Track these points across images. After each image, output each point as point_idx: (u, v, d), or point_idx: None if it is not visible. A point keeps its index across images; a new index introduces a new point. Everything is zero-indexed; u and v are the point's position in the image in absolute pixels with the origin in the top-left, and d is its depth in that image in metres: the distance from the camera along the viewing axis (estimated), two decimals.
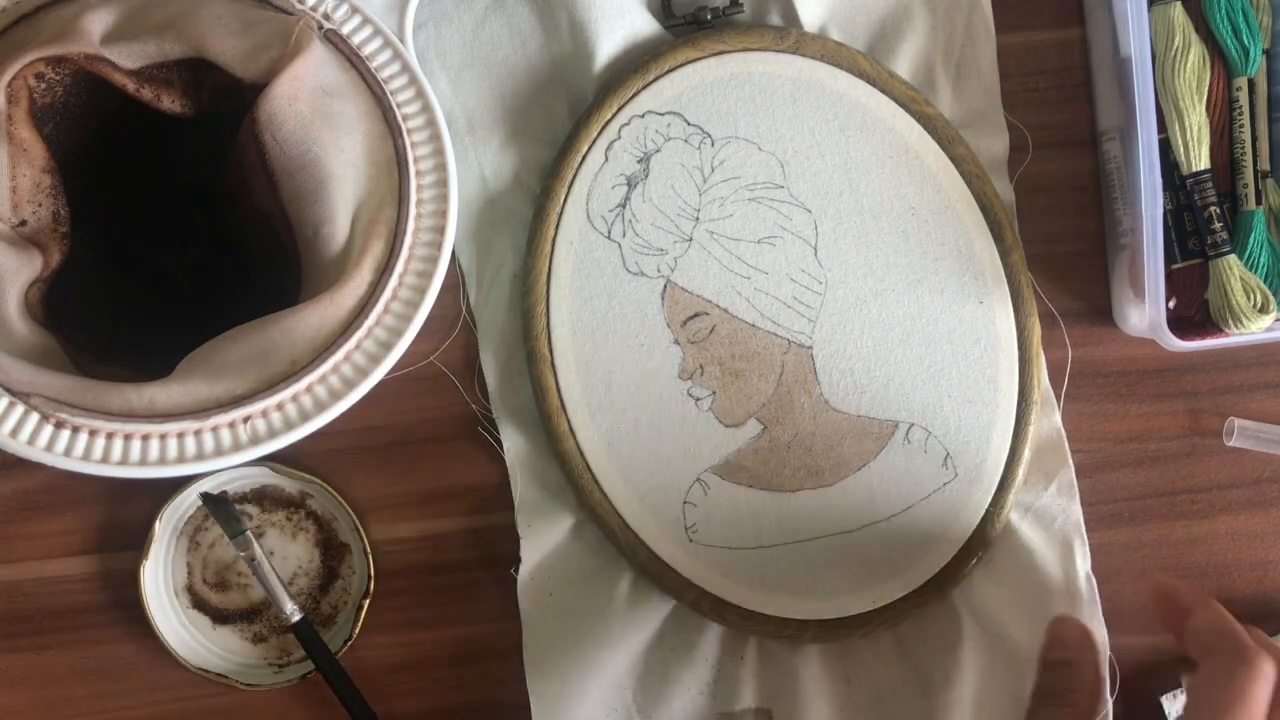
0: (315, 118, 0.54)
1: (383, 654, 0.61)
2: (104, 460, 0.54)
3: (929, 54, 0.63)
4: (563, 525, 0.61)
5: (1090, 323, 0.64)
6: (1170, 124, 0.59)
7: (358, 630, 0.60)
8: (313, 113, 0.54)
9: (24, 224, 0.54)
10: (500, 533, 0.61)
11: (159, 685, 0.61)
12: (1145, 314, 0.58)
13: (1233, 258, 0.59)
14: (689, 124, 0.61)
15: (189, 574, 0.61)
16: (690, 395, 0.61)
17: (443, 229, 0.57)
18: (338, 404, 0.55)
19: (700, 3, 0.62)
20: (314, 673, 0.60)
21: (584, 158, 0.61)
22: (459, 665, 0.61)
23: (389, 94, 0.57)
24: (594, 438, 0.60)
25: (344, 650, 0.60)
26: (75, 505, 0.61)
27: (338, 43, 0.57)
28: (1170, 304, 0.60)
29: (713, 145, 0.61)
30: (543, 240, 0.61)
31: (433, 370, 0.61)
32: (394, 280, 0.55)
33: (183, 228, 0.62)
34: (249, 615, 0.61)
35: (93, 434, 0.54)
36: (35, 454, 0.53)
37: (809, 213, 0.61)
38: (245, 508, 0.61)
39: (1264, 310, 0.58)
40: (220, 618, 0.61)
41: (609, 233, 0.61)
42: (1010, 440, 0.61)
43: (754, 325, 0.61)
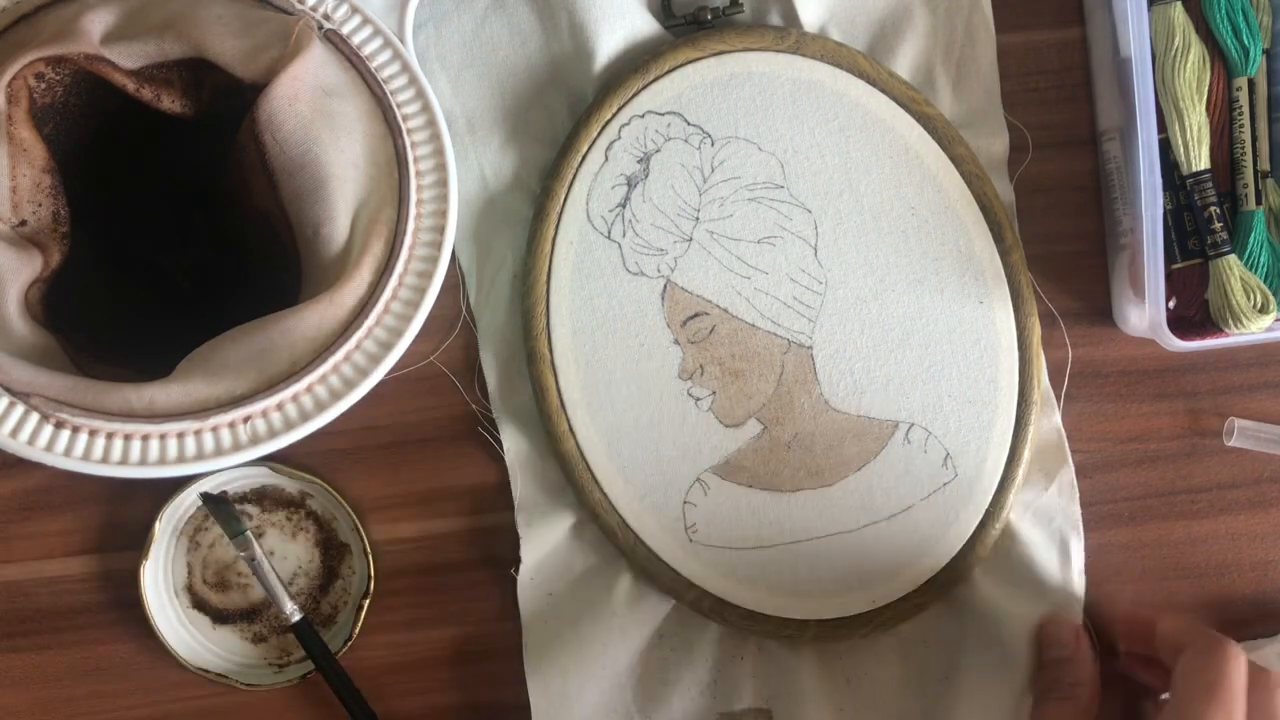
0: (315, 118, 0.54)
1: (383, 654, 0.61)
2: (104, 460, 0.54)
3: (929, 54, 0.63)
4: (563, 525, 0.61)
5: (1090, 323, 0.64)
6: (1170, 124, 0.59)
7: (358, 630, 0.60)
8: (313, 113, 0.54)
9: (24, 224, 0.54)
10: (500, 533, 0.61)
11: (159, 685, 0.61)
12: (1145, 314, 0.58)
13: (1233, 258, 0.59)
14: (689, 124, 0.61)
15: (189, 574, 0.61)
16: (690, 395, 0.61)
17: (443, 229, 0.57)
18: (338, 404, 0.55)
19: (700, 3, 0.62)
20: (314, 673, 0.60)
21: (584, 158, 0.61)
22: (459, 665, 0.61)
23: (389, 94, 0.57)
24: (594, 437, 0.60)
25: (344, 650, 0.60)
26: (75, 505, 0.61)
27: (338, 43, 0.57)
28: (1170, 304, 0.60)
29: (713, 145, 0.61)
30: (543, 240, 0.61)
31: (433, 370, 0.61)
32: (394, 280, 0.55)
33: (183, 228, 0.62)
34: (249, 615, 0.61)
35: (93, 434, 0.54)
36: (35, 454, 0.53)
37: (809, 213, 0.61)
38: (245, 508, 0.61)
39: (1264, 310, 0.58)
40: (220, 618, 0.61)
41: (609, 233, 0.61)
42: (1010, 440, 0.61)
43: (754, 325, 0.61)
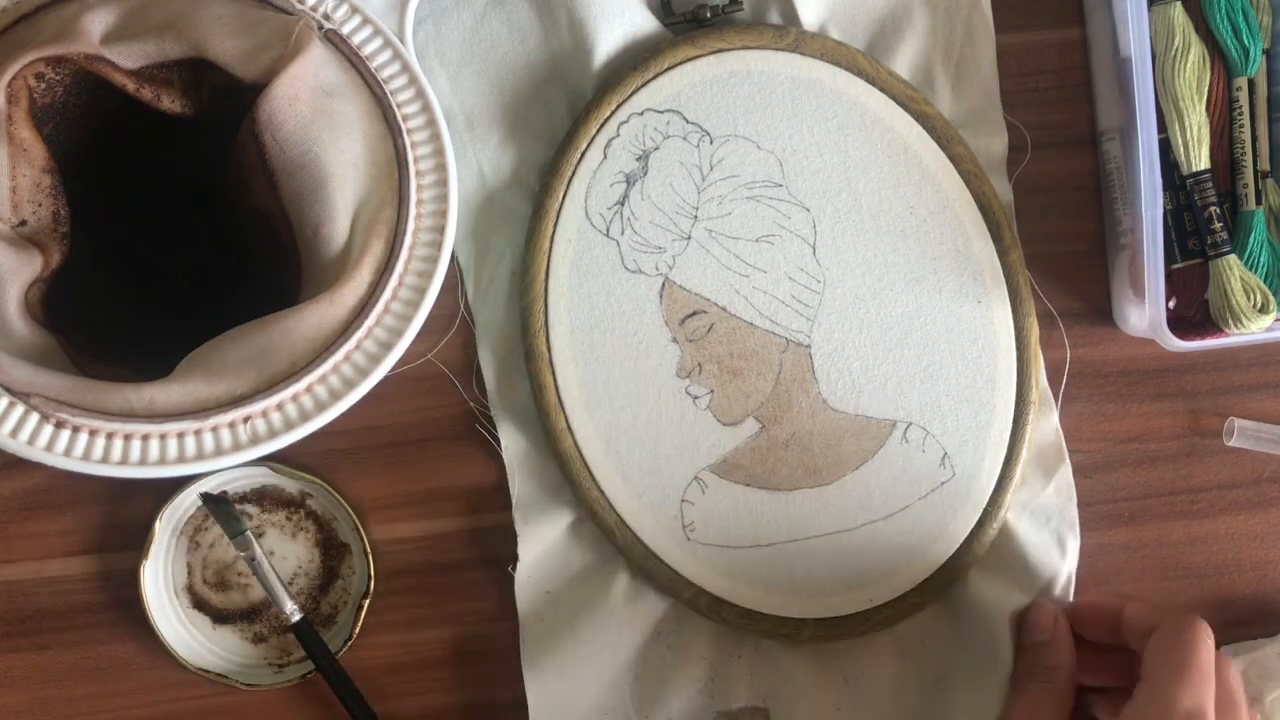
0: (315, 118, 0.54)
1: (383, 654, 0.61)
2: (104, 460, 0.54)
3: (928, 53, 0.63)
4: (560, 523, 0.61)
5: (1090, 323, 0.64)
6: (1170, 124, 0.59)
7: (358, 630, 0.60)
8: (313, 113, 0.54)
9: (24, 224, 0.54)
10: (500, 532, 0.61)
11: (159, 685, 0.61)
12: (1145, 314, 0.58)
13: (1233, 258, 0.59)
14: (688, 122, 0.61)
15: (189, 574, 0.61)
16: (688, 393, 0.61)
17: (443, 229, 0.57)
18: (338, 404, 0.55)
19: (700, 0, 0.62)
20: (314, 673, 0.60)
21: (583, 155, 0.61)
22: (459, 665, 0.61)
23: (389, 94, 0.57)
24: (592, 435, 0.60)
25: (344, 650, 0.60)
26: (75, 505, 0.61)
27: (338, 43, 0.57)
28: (1170, 304, 0.60)
29: (711, 143, 0.61)
30: (541, 238, 0.61)
31: (433, 370, 0.61)
32: (394, 280, 0.55)
33: (183, 228, 0.62)
34: (249, 615, 0.61)
35: (93, 434, 0.54)
36: (35, 454, 0.53)
37: (807, 211, 0.61)
38: (245, 508, 0.61)
39: (1264, 310, 0.58)
40: (220, 618, 0.61)
41: (607, 230, 0.61)
42: (1008, 440, 0.61)
43: (752, 324, 0.61)
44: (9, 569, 0.61)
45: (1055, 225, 0.64)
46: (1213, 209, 0.59)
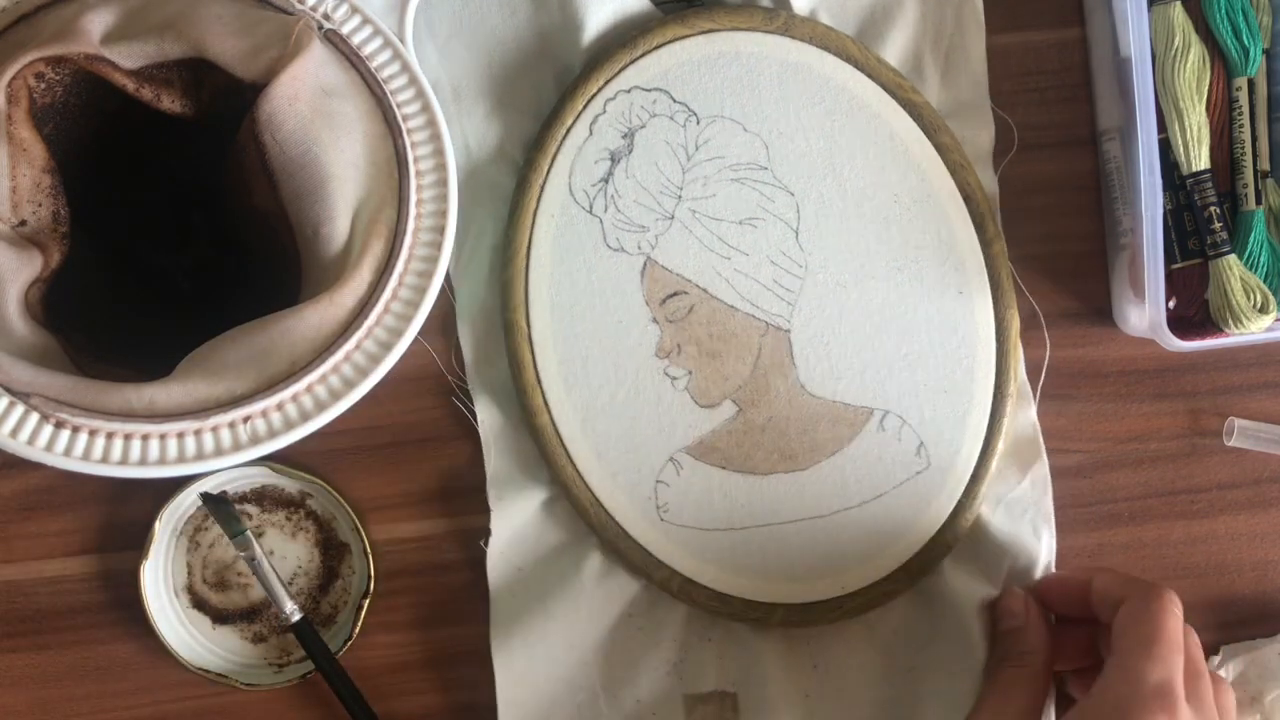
0: (315, 118, 0.54)
1: (383, 654, 0.61)
2: (104, 460, 0.54)
3: (918, 42, 0.63)
4: (534, 500, 0.61)
5: (1090, 323, 0.64)
6: (1170, 124, 0.59)
7: (358, 630, 0.60)
8: (313, 113, 0.54)
9: (24, 224, 0.54)
10: None
11: (159, 685, 0.61)
12: (1145, 314, 0.58)
13: (1233, 258, 0.59)
14: (675, 101, 0.61)
15: (189, 574, 0.61)
16: (666, 374, 0.61)
17: (443, 229, 0.57)
18: (338, 404, 0.55)
19: None
20: (314, 673, 0.60)
21: (568, 131, 0.61)
22: (459, 665, 0.61)
23: (389, 94, 0.57)
24: (569, 413, 0.60)
25: (344, 650, 0.60)
26: (75, 505, 0.61)
27: (338, 43, 0.57)
28: (1170, 304, 0.60)
29: (698, 123, 0.61)
30: (524, 212, 0.61)
31: (433, 369, 0.61)
32: (394, 280, 0.55)
33: (183, 228, 0.62)
34: (249, 615, 0.61)
35: (93, 434, 0.54)
36: (35, 454, 0.53)
37: (792, 195, 0.61)
38: (245, 508, 0.61)
39: (1264, 310, 0.58)
40: (220, 618, 0.61)
41: (591, 207, 0.61)
42: (985, 432, 0.61)
43: (733, 306, 0.61)
44: (9, 569, 0.61)
45: (1055, 225, 0.64)
46: (1213, 209, 0.59)
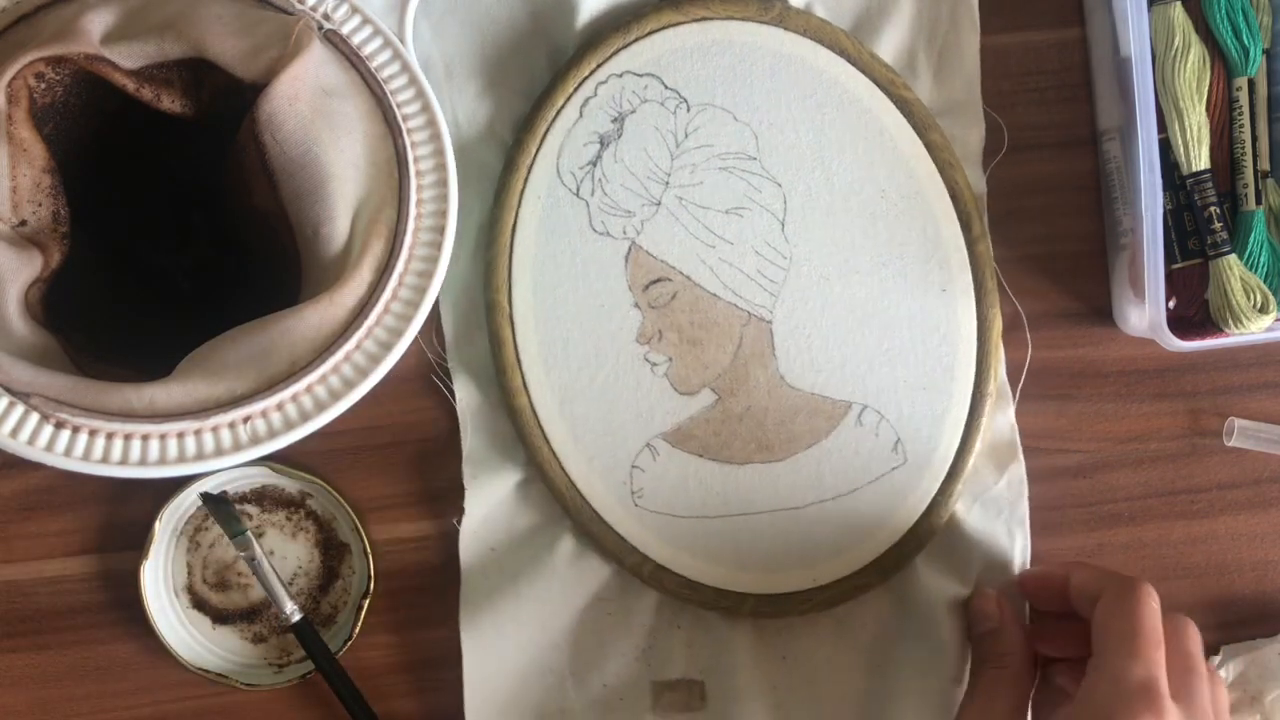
0: (315, 118, 0.54)
1: (383, 654, 0.61)
2: (104, 460, 0.54)
3: (912, 39, 0.63)
4: (509, 480, 0.61)
5: (1090, 323, 0.64)
6: (1170, 124, 0.59)
7: (358, 630, 0.60)
8: (313, 113, 0.54)
9: (24, 224, 0.54)
10: None
11: (159, 685, 0.61)
12: (1145, 314, 0.58)
13: (1233, 258, 0.59)
14: (666, 87, 0.61)
15: (189, 574, 0.61)
16: (647, 360, 0.61)
17: (442, 229, 0.57)
18: (338, 404, 0.55)
19: None
20: (314, 673, 0.60)
21: (559, 112, 0.61)
22: (459, 665, 0.61)
23: (389, 94, 0.57)
24: (547, 395, 0.60)
25: (344, 650, 0.60)
26: (75, 505, 0.61)
27: (338, 43, 0.57)
28: (1170, 304, 0.60)
29: (688, 111, 0.61)
30: (510, 192, 0.61)
31: (432, 369, 0.61)
32: (394, 280, 0.55)
33: (183, 228, 0.62)
34: (249, 615, 0.61)
35: (93, 434, 0.54)
36: (35, 454, 0.53)
37: (779, 187, 0.61)
38: (245, 508, 0.61)
39: (1264, 310, 0.58)
40: (220, 618, 0.61)
41: (577, 190, 0.61)
42: (962, 431, 0.61)
43: (715, 295, 0.61)
44: (9, 569, 0.61)
45: (1055, 225, 0.64)
46: (1213, 209, 0.59)
